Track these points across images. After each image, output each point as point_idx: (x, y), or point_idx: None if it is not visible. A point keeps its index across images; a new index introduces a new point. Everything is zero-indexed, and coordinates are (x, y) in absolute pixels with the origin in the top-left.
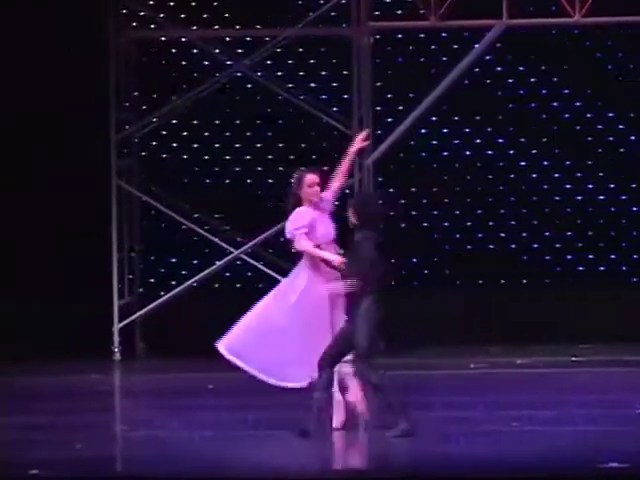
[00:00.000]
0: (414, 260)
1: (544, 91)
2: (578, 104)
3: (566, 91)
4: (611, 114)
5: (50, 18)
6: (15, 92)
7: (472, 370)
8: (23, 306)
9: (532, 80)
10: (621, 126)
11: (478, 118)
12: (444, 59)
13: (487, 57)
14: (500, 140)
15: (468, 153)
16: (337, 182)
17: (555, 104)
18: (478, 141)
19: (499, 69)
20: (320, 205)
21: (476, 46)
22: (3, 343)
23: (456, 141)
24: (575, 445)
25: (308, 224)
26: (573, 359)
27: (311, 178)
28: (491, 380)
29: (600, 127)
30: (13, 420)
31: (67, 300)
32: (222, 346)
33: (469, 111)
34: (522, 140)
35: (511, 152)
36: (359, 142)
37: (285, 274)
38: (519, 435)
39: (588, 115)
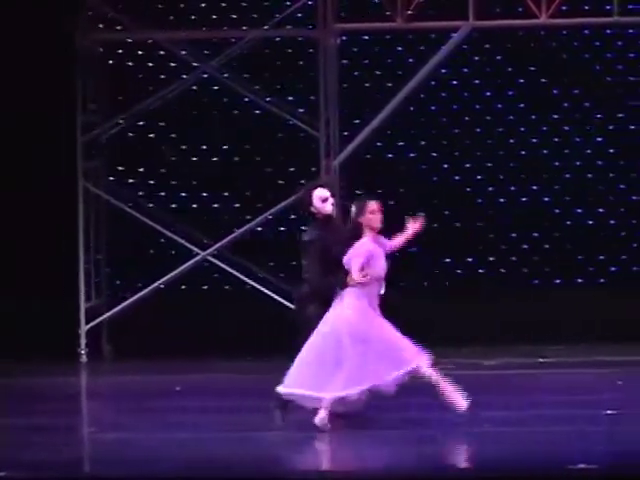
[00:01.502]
0: None
1: (510, 92)
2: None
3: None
4: (578, 114)
5: (16, 20)
6: None
7: (442, 372)
8: None
9: (498, 82)
10: (587, 127)
11: (445, 120)
12: (410, 60)
13: (453, 58)
14: (467, 142)
15: (435, 155)
16: (396, 244)
17: (522, 105)
18: (444, 142)
19: (465, 70)
20: (379, 240)
21: (443, 47)
22: None
23: (422, 142)
24: (544, 446)
25: (365, 254)
26: (541, 360)
27: (373, 205)
28: (461, 382)
29: (567, 128)
30: None
31: (34, 302)
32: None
33: (436, 112)
34: (489, 142)
35: (478, 154)
36: (416, 227)
37: (251, 276)
38: (490, 436)
39: (555, 116)
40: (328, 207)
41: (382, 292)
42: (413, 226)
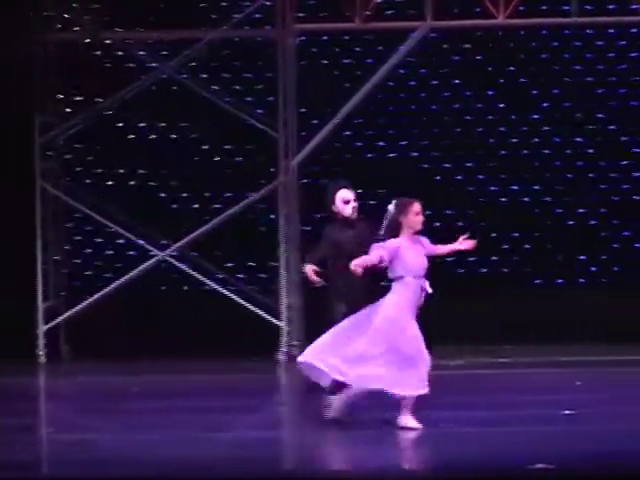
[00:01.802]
0: None
1: (468, 93)
2: (501, 105)
3: (490, 92)
4: (536, 116)
5: None
6: None
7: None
8: None
9: (456, 82)
10: (546, 127)
11: (404, 120)
12: (369, 61)
13: (411, 59)
14: (425, 142)
15: (393, 155)
16: (439, 251)
17: (479, 105)
18: (403, 143)
19: (423, 71)
20: (418, 239)
21: (401, 48)
22: None
23: (381, 143)
24: (505, 446)
25: (391, 248)
26: (501, 360)
27: (418, 206)
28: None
29: (525, 129)
30: None
31: None
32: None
33: (394, 113)
34: (447, 142)
35: (436, 154)
36: (466, 245)
37: (210, 276)
38: (450, 436)
39: (513, 117)
40: (348, 210)
41: (429, 290)
42: (464, 243)
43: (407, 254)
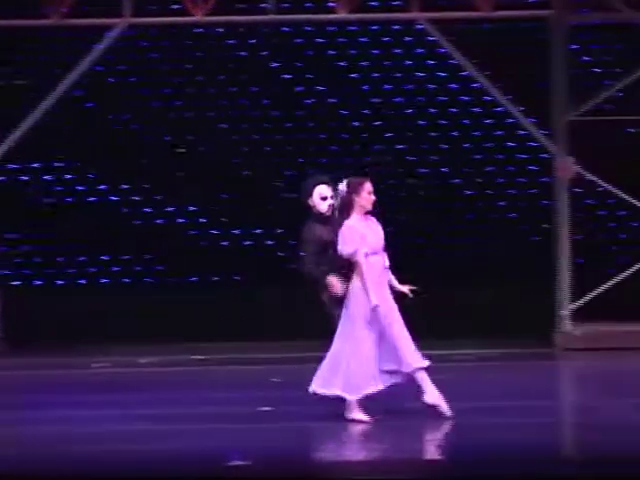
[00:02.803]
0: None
1: (166, 91)
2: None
3: (189, 90)
4: (234, 112)
5: None
6: None
7: (95, 370)
8: None
9: (156, 79)
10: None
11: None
12: (68, 58)
13: (110, 56)
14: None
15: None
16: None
17: (179, 102)
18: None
19: (122, 68)
20: (369, 217)
21: (99, 45)
22: None
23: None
24: (200, 443)
25: (360, 240)
26: (195, 357)
27: (370, 186)
28: (114, 379)
29: (225, 126)
30: None
31: None
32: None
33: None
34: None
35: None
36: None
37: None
38: (145, 434)
39: (211, 114)
40: (324, 206)
41: (388, 264)
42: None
43: (366, 233)
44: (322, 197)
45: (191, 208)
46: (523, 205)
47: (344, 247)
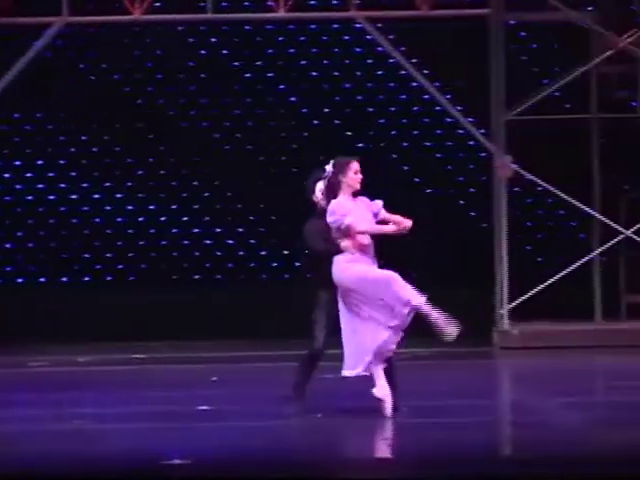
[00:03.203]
0: None
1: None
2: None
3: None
4: (172, 112)
5: None
6: None
7: (32, 368)
8: None
9: (92, 78)
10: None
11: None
12: (6, 57)
13: (47, 54)
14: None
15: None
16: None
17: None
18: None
19: (61, 65)
20: (361, 199)
21: (36, 43)
22: None
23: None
24: (139, 442)
25: (349, 211)
26: (135, 356)
27: (356, 165)
28: (52, 378)
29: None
30: None
31: None
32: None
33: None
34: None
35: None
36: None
37: None
38: (82, 434)
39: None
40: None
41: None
42: (404, 222)
43: (355, 213)
44: (323, 192)
45: (129, 207)
46: (462, 204)
47: (334, 217)
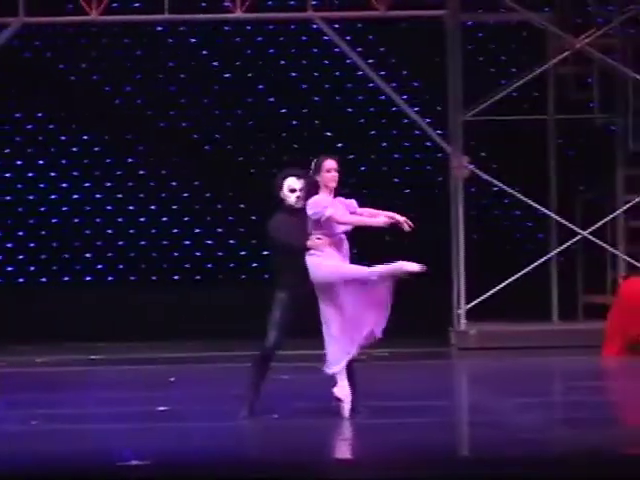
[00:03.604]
0: None
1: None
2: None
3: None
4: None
5: None
6: None
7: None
8: None
9: (53, 79)
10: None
11: None
12: None
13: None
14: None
15: None
16: (366, 217)
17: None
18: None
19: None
20: (339, 199)
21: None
22: None
23: None
24: (96, 444)
25: (329, 204)
26: (92, 357)
27: (330, 163)
28: (9, 379)
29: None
30: None
31: None
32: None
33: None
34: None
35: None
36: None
37: None
38: (39, 434)
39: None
40: (292, 199)
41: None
42: (394, 218)
43: (335, 207)
44: (291, 189)
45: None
46: (418, 204)
47: (314, 209)
